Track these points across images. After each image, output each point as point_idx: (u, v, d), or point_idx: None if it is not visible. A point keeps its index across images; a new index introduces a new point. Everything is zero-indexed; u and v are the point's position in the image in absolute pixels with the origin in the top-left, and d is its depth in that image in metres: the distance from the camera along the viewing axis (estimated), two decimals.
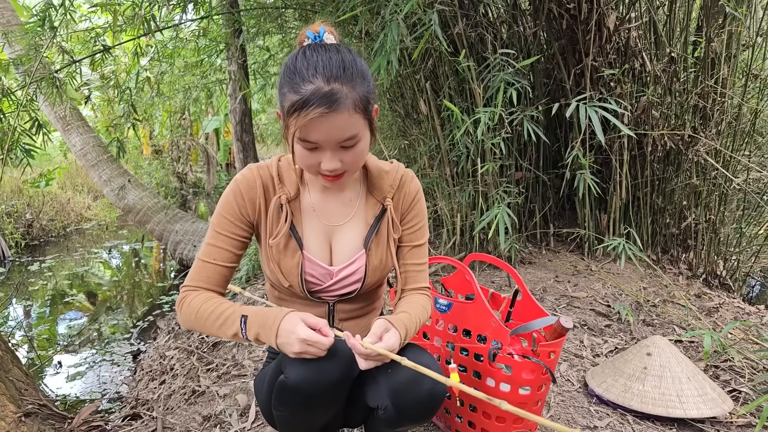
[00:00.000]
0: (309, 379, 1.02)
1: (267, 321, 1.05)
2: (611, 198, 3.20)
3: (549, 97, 3.21)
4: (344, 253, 1.24)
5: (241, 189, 1.17)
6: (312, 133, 1.02)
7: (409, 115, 3.36)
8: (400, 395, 1.09)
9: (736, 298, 3.04)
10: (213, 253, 1.18)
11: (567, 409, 1.78)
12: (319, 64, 1.01)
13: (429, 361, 1.14)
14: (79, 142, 4.90)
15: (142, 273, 5.40)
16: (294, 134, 1.03)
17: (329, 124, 1.01)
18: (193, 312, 1.13)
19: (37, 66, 3.13)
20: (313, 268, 1.21)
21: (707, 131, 3.07)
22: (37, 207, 6.96)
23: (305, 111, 0.99)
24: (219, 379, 2.29)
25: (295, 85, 1.00)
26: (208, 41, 4.80)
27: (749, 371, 2.00)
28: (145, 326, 3.78)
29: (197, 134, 10.45)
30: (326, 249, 1.24)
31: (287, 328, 1.02)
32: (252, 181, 1.17)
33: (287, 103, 1.01)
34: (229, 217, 1.18)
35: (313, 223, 1.22)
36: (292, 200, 1.20)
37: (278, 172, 1.20)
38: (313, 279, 1.22)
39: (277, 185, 1.19)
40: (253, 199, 1.18)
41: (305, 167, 1.10)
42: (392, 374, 1.10)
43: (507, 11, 3.18)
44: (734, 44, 3.05)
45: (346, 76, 1.01)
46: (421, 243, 1.30)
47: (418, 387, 1.08)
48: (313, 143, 1.04)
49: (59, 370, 3.17)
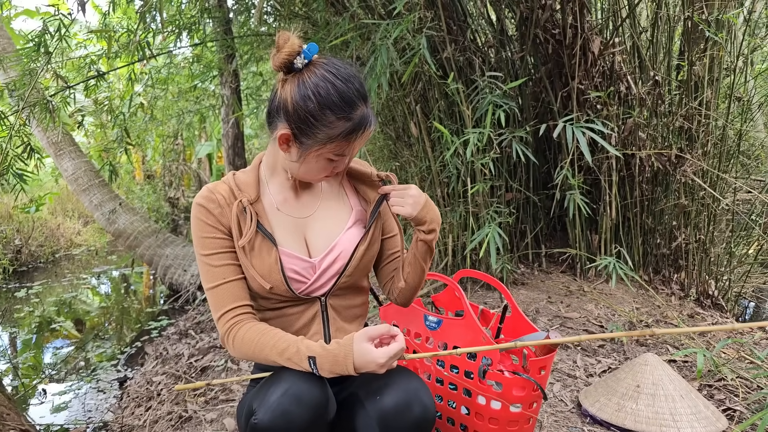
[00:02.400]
0: (278, 426, 1.01)
1: (338, 358, 1.05)
2: (602, 218, 3.22)
3: (537, 119, 3.26)
4: (321, 243, 1.23)
5: (204, 205, 1.17)
6: (356, 145, 1.14)
7: (400, 137, 3.40)
8: (388, 422, 1.07)
9: (728, 318, 3.03)
10: (217, 274, 1.17)
11: (560, 429, 1.75)
12: (354, 87, 1.09)
13: (418, 386, 1.11)
14: (70, 167, 4.89)
15: (131, 299, 5.33)
16: (335, 151, 1.12)
17: (366, 139, 1.16)
18: (251, 346, 1.12)
19: (30, 91, 3.14)
20: (293, 262, 1.20)
21: (693, 152, 3.12)
22: (27, 233, 6.89)
23: (363, 131, 1.12)
24: (206, 404, 2.25)
25: (345, 113, 1.08)
26: (201, 67, 4.87)
27: (743, 390, 1.99)
28: (133, 352, 3.71)
29: (190, 159, 10.47)
30: (302, 242, 1.23)
31: (362, 360, 1.04)
32: (210, 196, 1.18)
33: (338, 130, 1.09)
34: (207, 235, 1.17)
35: (280, 220, 1.23)
36: (254, 203, 1.20)
37: (235, 182, 1.22)
38: (296, 275, 1.20)
39: (236, 192, 1.20)
40: (220, 211, 1.17)
41: (317, 174, 1.18)
42: (380, 400, 1.08)
43: (494, 36, 3.25)
44: (716, 68, 3.13)
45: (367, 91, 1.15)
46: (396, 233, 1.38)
47: (407, 414, 1.07)
48: (345, 156, 1.15)
49: (44, 399, 3.09)
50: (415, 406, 1.07)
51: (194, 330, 3.66)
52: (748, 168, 4.33)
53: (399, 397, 1.07)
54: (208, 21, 3.93)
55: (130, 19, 4.43)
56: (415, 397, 1.08)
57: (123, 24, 4.47)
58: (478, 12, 3.38)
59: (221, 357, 2.86)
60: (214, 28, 4.15)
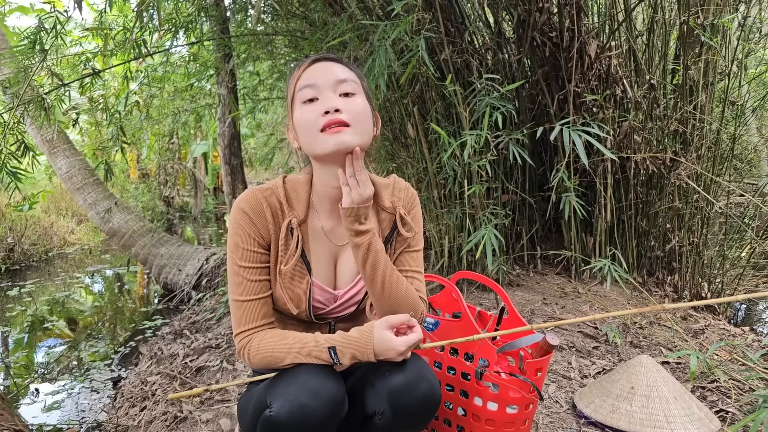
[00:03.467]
0: (295, 419, 1.01)
1: (360, 344, 1.08)
2: (597, 221, 3.24)
3: (534, 122, 3.27)
4: (348, 275, 1.23)
5: (249, 215, 1.14)
6: (308, 77, 1.11)
7: (398, 138, 3.40)
8: (397, 397, 1.10)
9: (721, 320, 3.06)
10: (250, 288, 1.15)
11: (555, 430, 1.76)
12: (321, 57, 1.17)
13: (424, 366, 1.14)
14: (65, 165, 4.86)
15: (125, 298, 5.30)
16: (294, 95, 1.12)
17: (325, 66, 1.13)
18: (268, 353, 1.11)
19: (25, 88, 3.12)
20: (320, 294, 1.21)
21: (688, 156, 3.14)
22: (20, 231, 6.83)
23: (304, 62, 1.14)
24: (202, 404, 2.24)
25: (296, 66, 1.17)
26: (198, 66, 4.85)
27: (736, 392, 2.00)
28: (127, 352, 3.69)
29: (185, 158, 10.44)
30: (331, 271, 1.23)
31: (382, 347, 1.07)
32: (258, 206, 1.14)
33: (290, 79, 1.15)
34: (248, 247, 1.14)
35: (320, 245, 1.21)
36: (302, 223, 1.18)
37: (285, 195, 1.17)
38: (318, 304, 1.22)
39: (285, 208, 1.16)
40: (264, 224, 1.15)
41: (308, 126, 1.09)
42: (389, 377, 1.11)
43: (492, 39, 3.26)
44: (711, 72, 3.16)
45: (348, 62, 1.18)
46: (417, 249, 1.28)
47: (415, 390, 1.10)
48: (310, 86, 1.10)
49: (36, 399, 3.07)
50: (422, 383, 1.10)
51: (189, 330, 3.65)
52: (741, 171, 4.37)
53: (407, 375, 1.10)
54: (205, 20, 3.92)
55: (126, 16, 4.41)
56: (423, 375, 1.11)
57: (119, 21, 4.44)
58: (476, 14, 3.39)
59: (216, 357, 2.85)
60: (211, 26, 4.14)
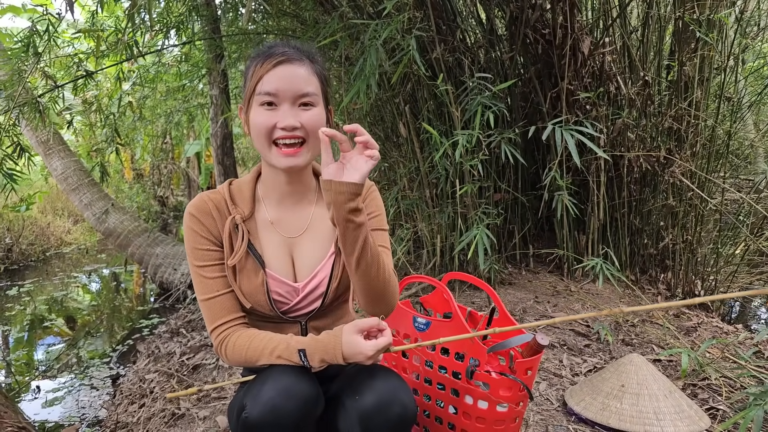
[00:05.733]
0: (268, 420, 1.02)
1: (328, 347, 1.08)
2: (589, 219, 3.24)
3: (526, 120, 3.27)
4: (307, 266, 1.23)
5: (197, 216, 1.17)
6: (271, 80, 1.09)
7: (389, 138, 3.40)
8: (369, 420, 1.08)
9: (714, 318, 3.07)
10: (211, 286, 1.17)
11: (546, 427, 1.77)
12: (279, 42, 1.16)
13: (397, 385, 1.12)
14: (60, 166, 4.87)
15: (122, 297, 5.31)
16: (253, 91, 1.10)
17: (289, 71, 1.10)
18: (242, 352, 1.13)
19: (20, 91, 3.13)
20: (278, 286, 1.20)
21: (682, 153, 3.14)
22: (17, 231, 6.86)
23: (268, 56, 1.10)
24: (199, 401, 2.27)
25: (260, 51, 1.13)
26: (190, 66, 4.84)
27: (726, 389, 2.02)
28: (125, 350, 3.72)
29: (179, 158, 10.42)
30: (289, 263, 1.23)
31: (351, 351, 1.06)
32: (204, 207, 1.18)
33: (251, 67, 1.12)
34: (200, 247, 1.17)
35: (271, 237, 1.22)
36: (247, 219, 1.20)
37: (230, 195, 1.21)
38: (280, 297, 1.21)
39: (230, 206, 1.19)
40: (212, 223, 1.18)
41: (263, 134, 1.11)
42: (359, 400, 1.10)
43: (484, 36, 3.26)
44: (707, 67, 3.14)
45: (306, 49, 1.15)
46: (383, 228, 1.27)
47: (387, 411, 1.08)
48: (271, 95, 1.09)
49: (37, 396, 3.11)
50: (395, 405, 1.08)
51: (185, 328, 3.66)
52: (737, 167, 4.37)
53: (379, 396, 1.08)
54: (196, 19, 3.91)
55: (117, 18, 4.40)
56: (395, 397, 1.09)
57: (110, 23, 4.43)
58: (468, 11, 3.38)
59: (212, 355, 2.87)
60: (202, 26, 4.13)
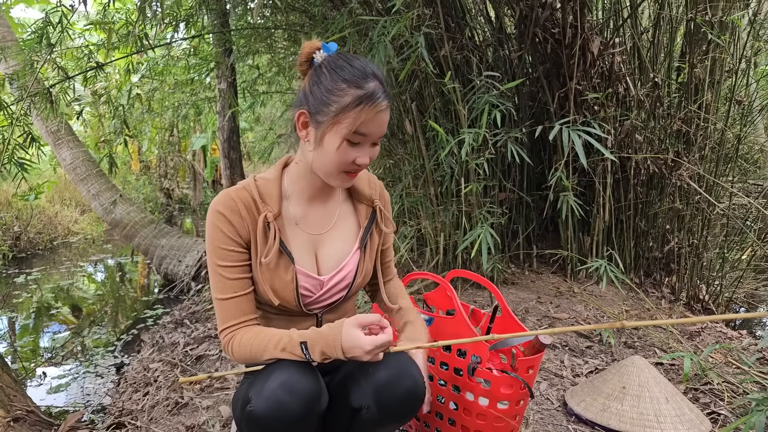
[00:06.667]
0: (272, 414, 1.04)
1: (329, 340, 1.09)
2: (594, 220, 3.23)
3: (533, 120, 3.26)
4: (331, 262, 1.27)
5: (225, 215, 1.16)
6: (369, 126, 1.09)
7: (395, 135, 3.40)
8: (381, 393, 1.13)
9: (718, 323, 3.05)
10: (229, 287, 1.18)
11: (546, 426, 1.77)
12: (370, 67, 1.11)
13: (408, 362, 1.18)
14: (69, 157, 4.91)
15: (127, 287, 5.36)
16: (348, 128, 1.08)
17: (385, 119, 1.12)
18: (247, 349, 1.15)
19: (33, 81, 3.16)
20: (305, 280, 1.23)
21: (690, 156, 3.12)
22: (26, 220, 6.93)
23: (373, 103, 1.08)
24: (202, 391, 2.29)
25: (356, 81, 1.08)
26: (198, 60, 4.86)
27: (729, 394, 2.01)
28: (129, 339, 3.76)
29: (185, 151, 10.47)
30: (312, 258, 1.26)
31: (350, 345, 1.07)
32: (233, 206, 1.17)
33: (349, 98, 1.07)
34: (225, 247, 1.17)
35: (298, 235, 1.24)
36: (277, 216, 1.21)
37: (258, 192, 1.20)
38: (306, 291, 1.24)
39: (260, 204, 1.19)
40: (241, 222, 1.17)
41: (337, 164, 1.13)
42: (373, 373, 1.14)
43: (493, 35, 3.25)
44: (718, 70, 3.11)
45: (389, 91, 1.14)
46: (390, 245, 1.43)
47: (398, 385, 1.13)
48: (364, 136, 1.10)
49: (43, 382, 3.15)
50: (405, 378, 1.14)
51: (189, 320, 3.69)
52: (746, 171, 4.33)
53: (391, 370, 1.14)
54: (205, 13, 3.93)
55: (128, 10, 4.42)
56: (406, 371, 1.15)
57: (121, 15, 4.45)
58: (477, 10, 3.37)
59: (216, 346, 2.90)
60: (211, 20, 4.14)
